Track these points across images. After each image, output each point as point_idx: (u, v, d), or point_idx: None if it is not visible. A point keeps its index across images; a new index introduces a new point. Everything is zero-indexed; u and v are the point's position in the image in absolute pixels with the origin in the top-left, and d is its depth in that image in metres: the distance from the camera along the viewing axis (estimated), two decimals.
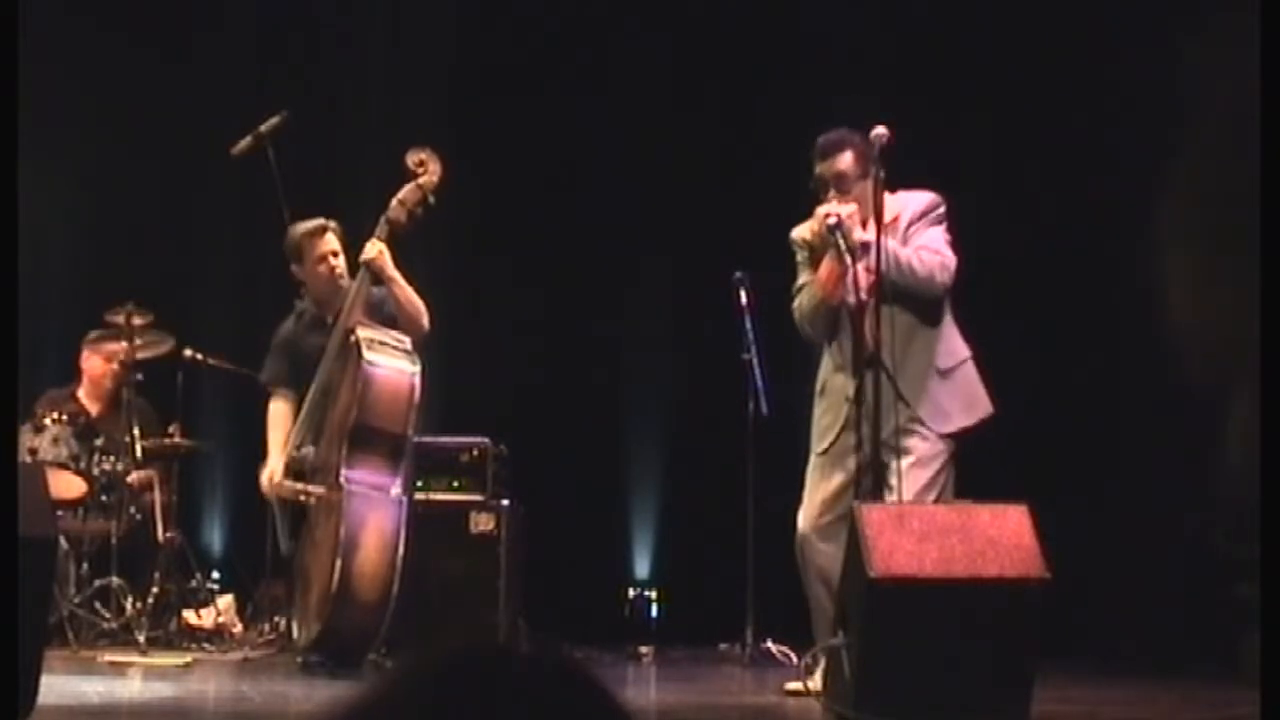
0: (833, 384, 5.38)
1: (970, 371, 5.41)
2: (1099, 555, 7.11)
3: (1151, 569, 7.31)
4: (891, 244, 5.24)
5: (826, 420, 5.39)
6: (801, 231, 5.45)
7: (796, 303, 5.45)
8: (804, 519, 5.31)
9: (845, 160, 5.35)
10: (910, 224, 5.36)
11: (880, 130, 5.25)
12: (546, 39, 8.59)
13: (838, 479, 5.26)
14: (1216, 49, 6.48)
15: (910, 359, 5.24)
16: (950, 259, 5.32)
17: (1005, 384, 6.15)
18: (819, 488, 5.32)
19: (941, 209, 5.41)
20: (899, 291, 5.21)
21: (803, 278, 5.45)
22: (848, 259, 5.19)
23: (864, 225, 5.29)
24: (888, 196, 5.37)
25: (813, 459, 5.41)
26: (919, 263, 5.25)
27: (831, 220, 5.22)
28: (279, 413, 6.41)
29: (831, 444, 5.33)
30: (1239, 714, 5.01)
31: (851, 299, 5.27)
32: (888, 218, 5.32)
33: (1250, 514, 4.71)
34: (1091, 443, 7.66)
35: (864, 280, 5.22)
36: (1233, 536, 6.31)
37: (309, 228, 6.45)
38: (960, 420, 5.32)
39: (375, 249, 6.28)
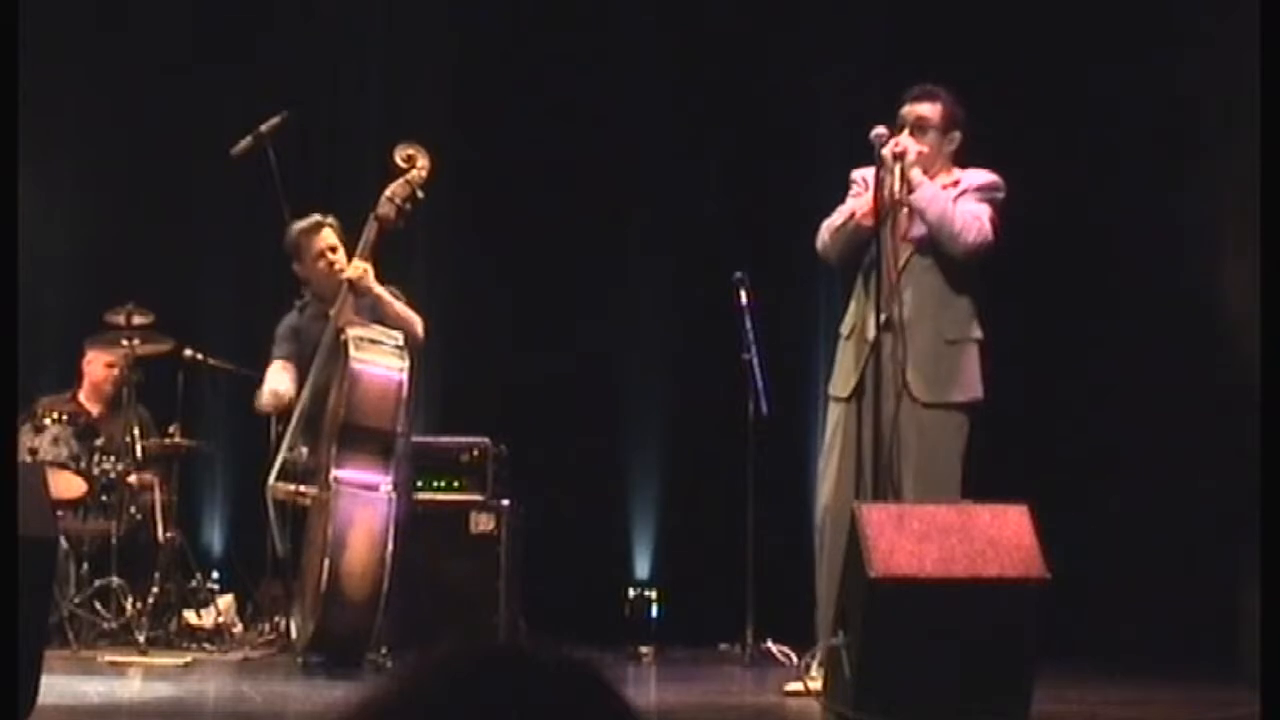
0: (859, 327, 5.40)
1: (973, 353, 5.43)
2: (1099, 555, 7.12)
3: (1151, 569, 7.31)
4: (942, 193, 5.30)
5: (848, 362, 5.41)
6: (864, 172, 5.46)
7: (828, 220, 5.46)
8: (827, 493, 5.31)
9: (932, 109, 5.43)
10: (966, 191, 5.40)
11: (880, 130, 5.29)
12: (546, 38, 8.59)
13: (853, 445, 5.25)
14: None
15: (921, 320, 5.26)
16: (988, 230, 5.37)
17: (1006, 384, 6.15)
18: (838, 454, 5.31)
19: (1000, 193, 5.49)
20: (931, 244, 5.25)
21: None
22: (897, 190, 5.23)
23: (927, 174, 5.34)
24: (952, 169, 5.44)
25: (833, 409, 5.40)
26: (958, 215, 5.31)
27: (899, 149, 5.25)
28: (279, 364, 6.44)
29: (853, 390, 5.33)
30: (1239, 714, 5.01)
31: (888, 241, 5.26)
32: (948, 181, 5.36)
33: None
34: (1092, 442, 7.66)
35: (904, 225, 5.25)
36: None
37: (306, 225, 6.48)
38: (945, 394, 5.32)
39: (358, 269, 6.28)
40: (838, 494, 5.27)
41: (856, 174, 5.52)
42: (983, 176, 5.48)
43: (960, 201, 5.39)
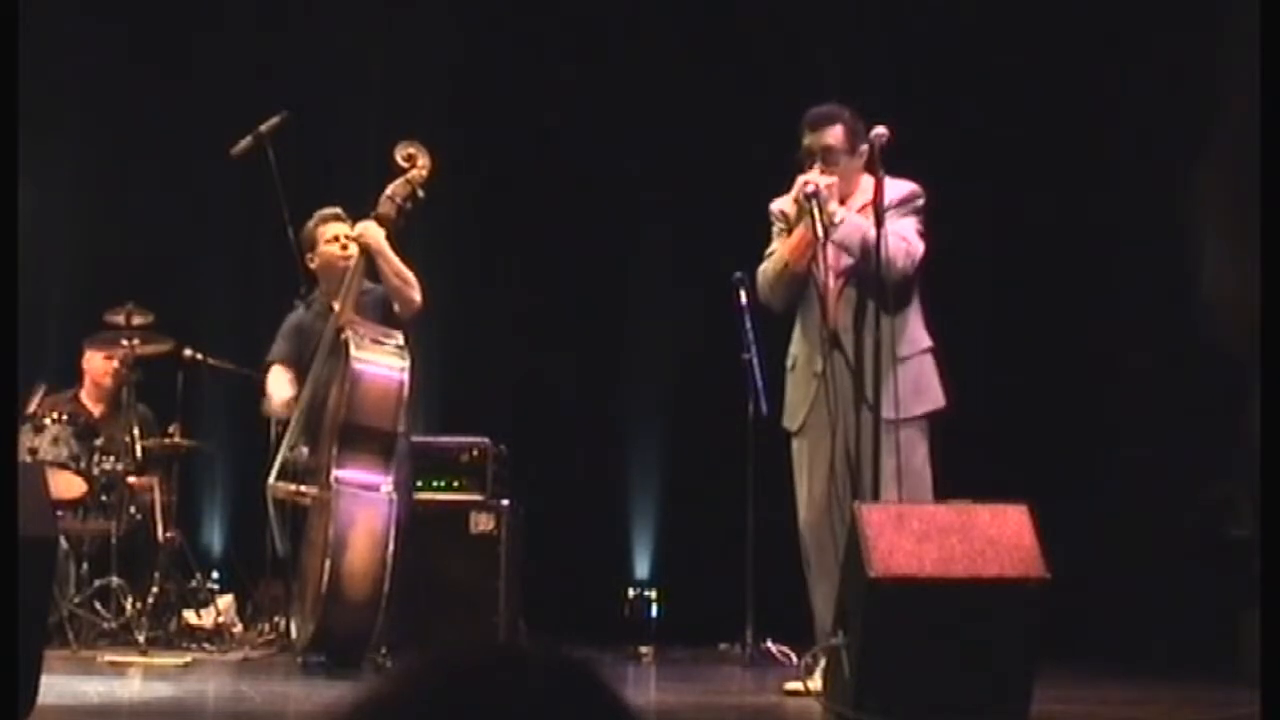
0: (801, 360, 5.43)
1: (927, 363, 5.43)
2: (1099, 555, 7.11)
3: (1151, 568, 7.31)
4: (861, 221, 5.27)
5: (796, 396, 5.46)
6: (781, 204, 5.49)
7: (762, 267, 5.49)
8: (803, 509, 5.34)
9: (835, 134, 5.39)
10: (886, 209, 5.39)
11: (880, 130, 5.28)
12: (546, 37, 8.59)
13: (820, 466, 5.29)
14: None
15: (870, 342, 5.25)
16: (916, 249, 5.36)
17: (1006, 384, 6.17)
18: (807, 477, 5.35)
19: (920, 201, 5.45)
20: (861, 273, 5.24)
21: (774, 247, 5.49)
22: (819, 230, 5.23)
23: (842, 202, 5.33)
24: (867, 179, 5.41)
25: (793, 443, 5.44)
26: (883, 246, 5.28)
27: (809, 189, 5.26)
28: (279, 370, 6.44)
29: (803, 423, 5.38)
30: (1239, 714, 5.00)
31: (820, 275, 5.30)
32: (864, 201, 5.36)
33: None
34: (1092, 442, 7.67)
35: (832, 257, 5.26)
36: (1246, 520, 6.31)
37: (324, 213, 6.54)
38: (908, 408, 5.32)
39: (364, 225, 6.30)
40: (811, 509, 5.30)
41: (774, 207, 5.52)
42: (900, 189, 5.41)
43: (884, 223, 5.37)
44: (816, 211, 5.24)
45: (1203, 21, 7.12)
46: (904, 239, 5.33)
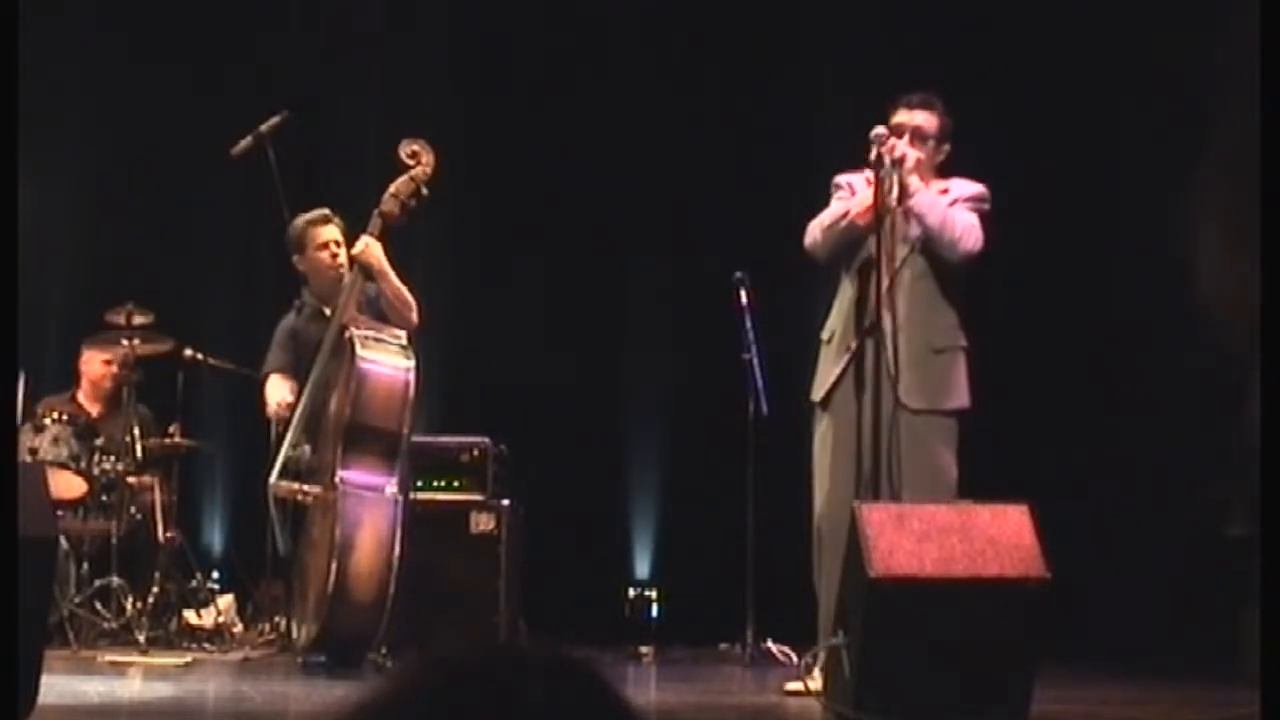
0: (838, 334, 5.42)
1: (959, 361, 5.43)
2: (1099, 555, 7.11)
3: (1151, 568, 7.31)
4: (936, 197, 5.36)
5: (827, 368, 5.44)
6: (848, 178, 5.48)
7: (818, 218, 5.45)
8: (819, 499, 5.32)
9: (928, 119, 5.45)
10: (956, 201, 5.44)
11: (880, 130, 5.30)
12: (546, 37, 8.59)
13: (841, 456, 5.27)
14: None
15: (910, 327, 5.26)
16: (980, 235, 5.39)
17: (1007, 383, 6.15)
18: (829, 464, 5.32)
19: (986, 204, 5.51)
20: (925, 246, 5.28)
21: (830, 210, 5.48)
22: (894, 195, 5.24)
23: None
24: (938, 180, 5.46)
25: (817, 419, 5.41)
26: (957, 222, 5.35)
27: (898, 154, 5.27)
28: (276, 379, 6.43)
29: (828, 395, 5.36)
30: (1239, 714, 5.00)
31: (874, 248, 5.26)
32: (938, 190, 5.39)
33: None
34: (1092, 442, 7.66)
35: (899, 229, 5.25)
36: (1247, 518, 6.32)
37: (311, 217, 6.48)
38: (933, 401, 5.33)
39: (364, 243, 6.29)
40: (831, 502, 5.27)
41: (841, 179, 5.53)
42: (971, 187, 5.49)
43: (954, 209, 5.42)
44: (897, 177, 5.26)
45: (1203, 20, 7.13)
46: (973, 225, 5.38)
